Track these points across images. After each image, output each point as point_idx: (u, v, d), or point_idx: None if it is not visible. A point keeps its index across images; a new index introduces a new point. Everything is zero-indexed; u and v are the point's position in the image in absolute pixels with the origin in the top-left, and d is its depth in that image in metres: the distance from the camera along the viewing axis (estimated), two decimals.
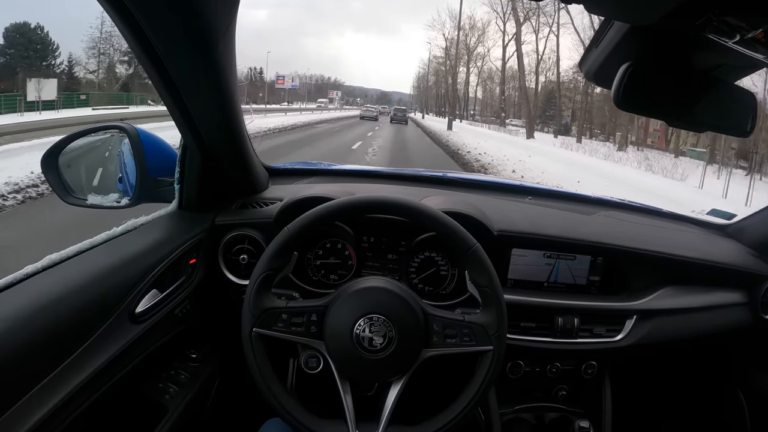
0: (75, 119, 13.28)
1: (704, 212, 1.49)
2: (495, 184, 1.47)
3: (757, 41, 0.50)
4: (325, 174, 1.40)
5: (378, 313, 0.74)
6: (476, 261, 0.79)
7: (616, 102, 0.62)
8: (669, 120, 0.68)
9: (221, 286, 1.04)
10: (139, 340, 0.80)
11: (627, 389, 1.22)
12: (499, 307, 0.77)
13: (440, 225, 0.80)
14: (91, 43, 30.28)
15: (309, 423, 0.73)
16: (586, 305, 1.05)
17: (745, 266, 1.15)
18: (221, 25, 0.69)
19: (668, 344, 1.11)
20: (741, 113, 0.67)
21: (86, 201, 1.00)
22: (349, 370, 0.76)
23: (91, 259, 0.80)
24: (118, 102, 26.01)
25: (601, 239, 1.09)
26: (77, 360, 0.68)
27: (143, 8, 0.62)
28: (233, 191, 1.11)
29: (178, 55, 0.72)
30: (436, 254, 1.07)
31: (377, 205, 0.82)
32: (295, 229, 0.78)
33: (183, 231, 0.97)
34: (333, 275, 1.08)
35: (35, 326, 0.63)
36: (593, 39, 0.67)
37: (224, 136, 0.94)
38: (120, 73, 31.34)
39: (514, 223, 1.08)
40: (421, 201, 0.85)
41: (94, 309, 0.73)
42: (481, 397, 0.75)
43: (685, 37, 0.59)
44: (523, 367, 1.07)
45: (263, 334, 0.75)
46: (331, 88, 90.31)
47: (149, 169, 0.97)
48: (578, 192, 1.45)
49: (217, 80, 0.79)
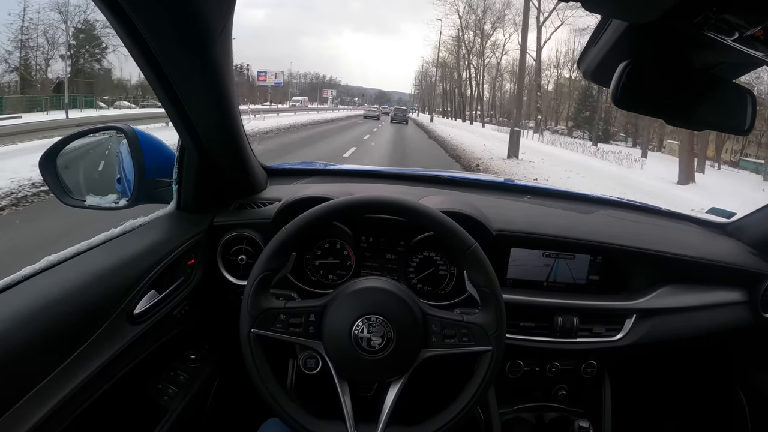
0: None
1: (704, 211, 1.49)
2: (493, 183, 1.47)
3: (756, 39, 0.50)
4: (324, 174, 1.39)
5: (376, 313, 0.74)
6: (475, 261, 0.78)
7: (614, 101, 0.62)
8: (667, 118, 0.68)
9: (220, 287, 1.04)
10: (138, 341, 0.80)
11: (627, 388, 1.22)
12: (498, 307, 0.77)
13: (438, 225, 0.79)
14: (11, 34, 23.32)
15: (308, 423, 0.73)
16: (586, 304, 1.05)
17: (744, 265, 1.15)
18: (217, 24, 0.69)
19: (668, 343, 1.11)
20: (740, 111, 0.67)
21: (84, 202, 1.00)
22: (348, 370, 0.76)
23: (89, 260, 0.80)
24: (53, 106, 18.76)
25: (601, 238, 1.09)
26: (76, 361, 0.68)
27: (138, 8, 0.62)
28: (231, 191, 1.10)
29: (175, 55, 0.71)
30: (434, 254, 1.07)
31: (375, 205, 0.82)
32: (293, 230, 0.78)
33: (181, 232, 0.97)
34: (331, 275, 1.08)
35: (34, 328, 0.63)
36: (591, 37, 0.67)
37: (222, 137, 0.94)
38: (54, 71, 24.72)
39: (513, 223, 1.08)
40: (419, 201, 0.85)
41: (92, 310, 0.72)
42: (480, 397, 0.75)
43: (683, 35, 0.58)
44: (522, 367, 1.07)
45: (261, 335, 0.75)
46: (326, 86, 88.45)
47: (147, 170, 0.97)
48: (577, 191, 1.45)
49: (214, 80, 0.78)
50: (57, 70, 24.89)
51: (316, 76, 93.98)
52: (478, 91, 40.91)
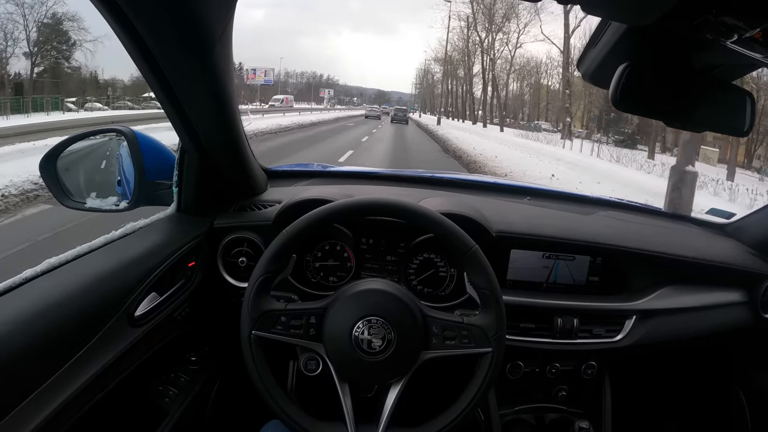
0: None
1: (703, 211, 1.49)
2: (493, 184, 1.47)
3: (755, 41, 0.50)
4: (324, 176, 1.40)
5: (377, 315, 0.74)
6: (475, 262, 0.79)
7: (613, 102, 0.62)
8: (667, 120, 0.68)
9: (220, 289, 1.04)
10: (139, 344, 0.80)
11: (627, 389, 1.22)
12: (498, 308, 0.77)
13: (438, 226, 0.80)
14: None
15: (308, 426, 0.73)
16: (586, 306, 1.05)
17: (744, 265, 1.15)
18: (217, 28, 0.69)
19: (668, 344, 1.11)
20: (739, 113, 0.67)
21: (85, 204, 1.00)
22: (348, 372, 0.76)
23: (89, 263, 0.80)
24: (14, 110, 16.87)
25: (600, 239, 1.09)
26: (77, 364, 0.68)
27: (138, 10, 0.62)
28: (232, 194, 1.10)
29: (175, 58, 0.72)
30: (434, 256, 1.07)
31: (375, 207, 0.82)
32: (294, 232, 0.78)
33: (182, 234, 0.97)
34: (332, 277, 1.08)
35: (34, 330, 0.63)
36: (591, 39, 0.67)
37: (222, 139, 0.94)
38: (15, 70, 22.97)
39: (513, 224, 1.08)
40: (419, 202, 0.85)
41: (93, 312, 0.72)
42: (480, 398, 0.75)
43: (682, 37, 0.59)
44: (522, 368, 1.07)
45: (262, 337, 0.75)
46: (323, 86, 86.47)
47: (147, 172, 0.97)
48: (577, 192, 1.45)
49: (214, 83, 0.79)
50: (18, 69, 22.88)
51: (313, 75, 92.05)
52: (496, 88, 35.25)
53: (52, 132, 8.07)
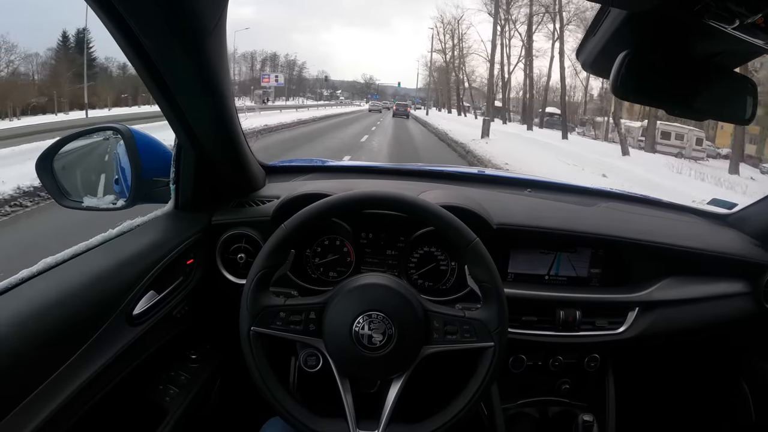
0: None
1: (705, 202, 1.48)
2: (493, 177, 1.46)
3: (757, 26, 0.49)
4: (323, 171, 1.39)
5: (377, 310, 0.74)
6: (476, 256, 0.78)
7: (614, 91, 0.62)
8: (668, 108, 0.67)
9: (219, 286, 1.04)
10: (138, 342, 0.80)
11: (630, 381, 1.22)
12: (499, 302, 0.76)
13: (439, 219, 0.79)
14: None
15: (309, 422, 0.73)
16: (588, 298, 1.05)
17: (746, 256, 1.14)
18: (209, 21, 0.68)
19: (671, 335, 1.11)
20: (741, 100, 0.66)
21: (82, 203, 1.00)
22: (349, 368, 0.75)
23: (87, 262, 0.79)
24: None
25: (602, 231, 1.08)
26: (75, 363, 0.67)
27: (128, 4, 0.61)
28: (229, 190, 1.10)
29: (167, 52, 0.71)
30: (435, 249, 1.06)
31: (374, 200, 0.81)
32: (292, 227, 0.78)
33: (180, 231, 0.96)
34: (332, 272, 1.07)
35: (32, 330, 0.63)
36: (590, 27, 0.66)
37: (218, 135, 0.93)
38: None
39: (514, 216, 1.07)
40: (419, 195, 0.84)
41: (91, 312, 0.72)
42: (483, 393, 0.75)
43: (683, 23, 0.58)
44: (525, 362, 1.07)
45: (261, 333, 0.74)
46: (321, 85, 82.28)
47: (144, 170, 0.96)
48: (578, 184, 1.44)
49: (208, 77, 0.77)
50: None
51: (302, 65, 77.52)
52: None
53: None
